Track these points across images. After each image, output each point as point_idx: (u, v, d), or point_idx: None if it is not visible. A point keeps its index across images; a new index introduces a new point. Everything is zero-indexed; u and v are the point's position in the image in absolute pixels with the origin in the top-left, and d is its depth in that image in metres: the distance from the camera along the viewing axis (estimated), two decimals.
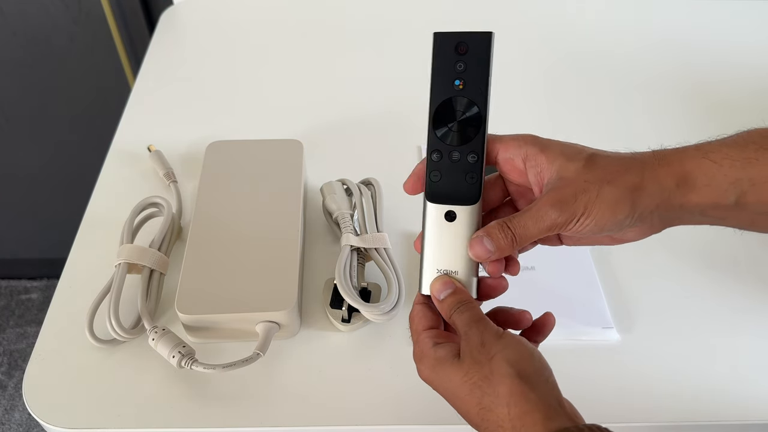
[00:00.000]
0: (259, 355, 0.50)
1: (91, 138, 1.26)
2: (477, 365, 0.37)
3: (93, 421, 0.49)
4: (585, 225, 0.39)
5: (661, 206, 0.39)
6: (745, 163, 0.38)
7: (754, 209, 0.39)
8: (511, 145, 0.42)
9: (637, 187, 0.39)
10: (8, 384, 1.44)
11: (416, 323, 0.42)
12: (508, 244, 0.40)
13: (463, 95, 0.41)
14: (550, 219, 0.39)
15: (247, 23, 0.96)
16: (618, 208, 0.38)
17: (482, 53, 0.41)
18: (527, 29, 0.94)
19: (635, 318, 0.57)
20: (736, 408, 0.51)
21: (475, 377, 0.37)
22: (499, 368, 0.37)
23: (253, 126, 0.77)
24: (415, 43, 0.71)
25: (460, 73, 0.41)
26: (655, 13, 0.98)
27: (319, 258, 0.61)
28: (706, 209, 0.39)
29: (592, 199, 0.38)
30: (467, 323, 0.39)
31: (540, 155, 0.41)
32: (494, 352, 0.37)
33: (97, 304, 0.54)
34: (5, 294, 1.60)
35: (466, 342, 0.39)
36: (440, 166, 0.42)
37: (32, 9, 1.11)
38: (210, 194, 0.61)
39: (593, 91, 0.83)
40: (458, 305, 0.41)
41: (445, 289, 0.41)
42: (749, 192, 0.38)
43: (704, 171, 0.38)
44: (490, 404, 0.36)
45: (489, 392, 0.37)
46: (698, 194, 0.39)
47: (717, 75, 0.85)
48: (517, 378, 0.36)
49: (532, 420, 0.35)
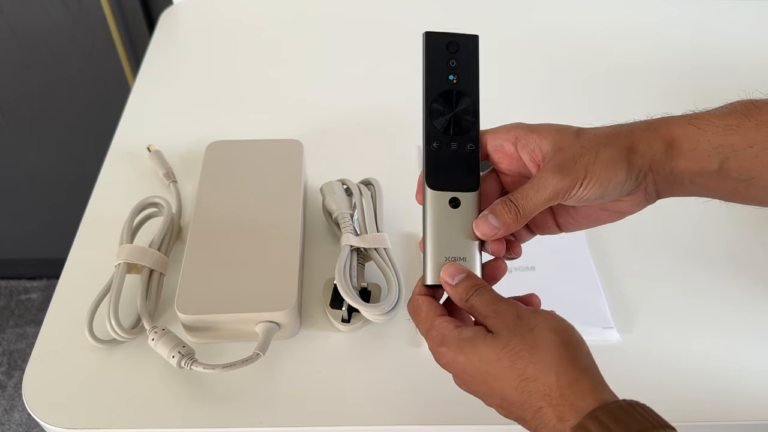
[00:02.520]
0: (259, 355, 0.50)
1: (91, 138, 1.25)
2: (518, 336, 0.37)
3: (93, 421, 0.49)
4: (588, 188, 0.39)
5: (654, 168, 0.40)
6: (726, 130, 0.39)
7: (736, 176, 0.39)
8: (499, 132, 0.43)
9: (630, 149, 0.39)
10: (8, 384, 1.44)
11: (425, 312, 0.41)
12: (513, 218, 0.40)
13: (458, 89, 0.44)
14: (552, 185, 0.39)
15: (247, 23, 0.96)
16: (617, 166, 0.39)
17: (471, 52, 0.44)
18: (526, 29, 0.94)
19: (635, 318, 0.57)
20: (736, 408, 0.51)
21: (517, 347, 0.37)
22: (544, 337, 0.36)
23: (253, 126, 0.77)
24: (415, 43, 0.71)
25: (453, 69, 0.44)
26: (654, 12, 0.98)
27: (319, 258, 0.61)
28: (694, 176, 0.40)
29: (591, 161, 0.39)
30: (491, 302, 0.39)
31: (530, 134, 0.42)
32: (535, 323, 0.37)
33: (96, 304, 0.54)
34: (5, 294, 1.60)
35: (498, 318, 0.38)
36: (440, 154, 0.43)
37: (32, 9, 1.11)
38: (210, 194, 0.61)
39: (592, 90, 0.83)
40: (474, 288, 0.40)
41: (459, 274, 0.41)
42: (731, 158, 0.39)
43: (689, 136, 0.39)
44: (535, 373, 0.36)
45: (534, 361, 0.36)
46: (685, 158, 0.39)
47: (717, 75, 0.85)
48: (563, 347, 0.36)
49: (581, 389, 0.35)
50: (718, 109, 0.41)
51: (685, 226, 0.65)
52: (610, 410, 0.34)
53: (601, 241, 0.63)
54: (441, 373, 0.42)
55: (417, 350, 0.54)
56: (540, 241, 0.55)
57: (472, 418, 0.49)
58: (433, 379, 0.51)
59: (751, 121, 0.39)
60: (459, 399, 0.43)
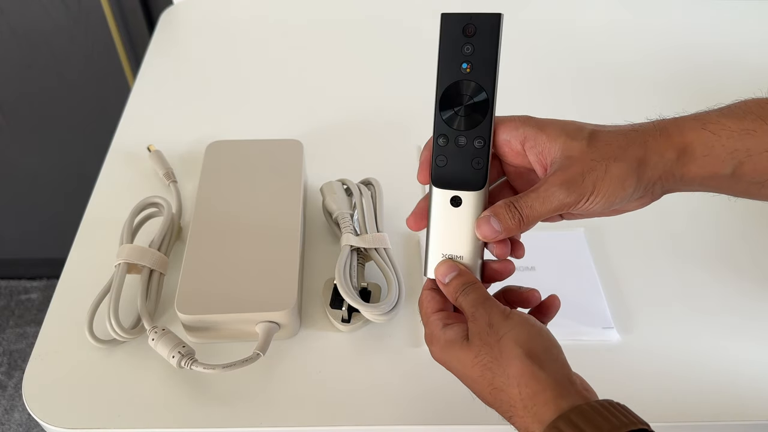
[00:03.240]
0: (259, 355, 0.50)
1: (91, 138, 1.26)
2: (486, 347, 0.38)
3: (93, 421, 0.49)
4: (595, 203, 0.39)
5: (663, 177, 0.40)
6: (743, 134, 0.38)
7: (749, 179, 0.39)
8: (508, 126, 0.42)
9: (641, 162, 0.39)
10: (8, 384, 1.44)
11: (425, 307, 0.43)
12: (515, 224, 0.40)
13: (470, 79, 0.41)
14: (558, 200, 0.39)
15: (247, 23, 0.96)
16: (626, 183, 0.39)
17: (490, 35, 0.40)
18: (526, 29, 0.94)
19: (635, 318, 0.57)
20: (736, 408, 0.51)
21: (485, 359, 0.37)
22: (508, 349, 0.37)
23: (253, 126, 0.77)
24: (415, 43, 0.71)
25: (467, 56, 0.40)
26: (655, 13, 0.98)
27: (319, 258, 0.61)
28: (705, 180, 0.40)
29: (600, 177, 0.39)
30: (473, 304, 0.40)
31: (540, 135, 0.40)
32: (502, 333, 0.37)
33: (96, 304, 0.54)
34: (5, 294, 1.60)
35: (474, 323, 0.39)
36: (446, 150, 0.42)
37: (32, 9, 1.11)
38: (210, 194, 0.61)
39: (592, 90, 0.83)
40: (463, 287, 0.41)
41: (450, 272, 0.42)
42: (746, 162, 0.39)
43: (703, 142, 0.39)
44: (501, 385, 0.37)
45: (499, 373, 0.37)
46: (697, 165, 0.39)
47: (717, 75, 0.85)
48: (526, 358, 0.36)
49: (543, 399, 0.35)
50: (731, 110, 0.40)
51: (686, 226, 0.65)
52: (582, 411, 0.34)
53: (601, 241, 0.63)
54: (441, 374, 0.42)
55: (417, 350, 0.54)
56: (540, 241, 0.55)
57: (472, 418, 0.49)
58: (433, 379, 0.51)
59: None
60: (459, 399, 0.43)
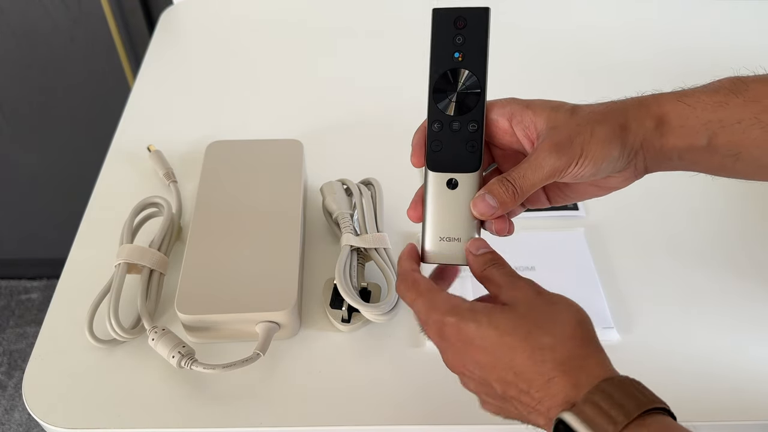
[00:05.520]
0: (259, 355, 0.50)
1: (91, 138, 1.26)
2: (537, 309, 0.38)
3: (93, 421, 0.49)
4: (584, 166, 0.40)
5: (645, 146, 0.41)
6: (715, 106, 0.40)
7: (723, 151, 0.41)
8: (494, 106, 0.43)
9: (623, 126, 0.41)
10: (8, 384, 1.44)
11: (423, 285, 0.41)
12: (510, 197, 0.41)
13: (462, 67, 0.43)
14: (550, 165, 0.40)
15: (247, 23, 0.96)
16: (612, 144, 0.40)
17: (480, 27, 0.43)
18: (526, 29, 0.94)
19: (635, 318, 0.57)
20: (736, 408, 0.51)
21: (538, 319, 0.38)
22: (565, 313, 0.38)
23: (253, 126, 0.77)
24: (415, 43, 0.70)
25: (459, 45, 0.43)
26: (656, 13, 0.98)
27: (319, 258, 0.61)
28: (682, 152, 0.41)
29: (587, 140, 0.40)
30: (511, 274, 0.41)
31: (526, 111, 0.42)
32: (556, 300, 0.39)
33: (96, 304, 0.54)
34: (5, 294, 1.60)
35: (517, 291, 0.39)
36: (441, 135, 0.43)
37: (32, 9, 1.11)
38: (210, 194, 0.61)
39: (592, 90, 0.83)
40: (493, 261, 0.41)
41: (482, 248, 0.42)
42: (719, 134, 0.40)
43: (679, 113, 0.41)
44: (552, 343, 0.37)
45: (553, 333, 0.37)
46: (674, 135, 0.41)
47: (718, 75, 0.85)
48: (581, 325, 0.38)
49: (595, 361, 0.37)
50: (706, 86, 0.42)
51: (686, 226, 0.65)
52: (621, 382, 0.36)
53: (601, 241, 0.63)
54: (441, 374, 0.42)
55: (417, 350, 0.54)
56: (540, 241, 0.55)
57: (473, 418, 0.49)
58: (433, 379, 0.51)
59: (739, 98, 0.40)
60: (459, 399, 0.43)
